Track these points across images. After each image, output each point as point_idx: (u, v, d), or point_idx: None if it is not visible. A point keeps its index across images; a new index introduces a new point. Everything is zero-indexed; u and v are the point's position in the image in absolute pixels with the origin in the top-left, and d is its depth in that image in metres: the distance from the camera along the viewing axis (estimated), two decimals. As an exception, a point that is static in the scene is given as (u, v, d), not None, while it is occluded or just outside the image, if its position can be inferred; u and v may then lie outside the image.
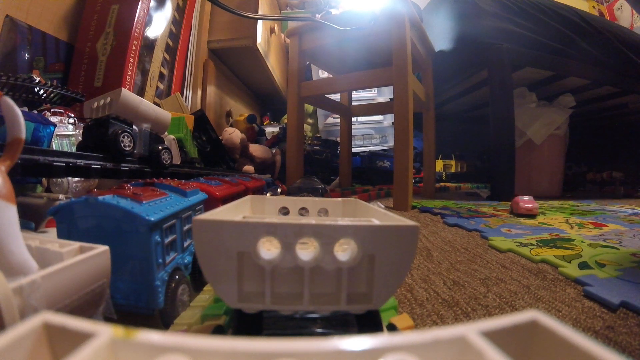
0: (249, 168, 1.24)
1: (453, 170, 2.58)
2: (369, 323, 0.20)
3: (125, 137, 0.52)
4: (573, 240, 0.70)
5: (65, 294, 0.20)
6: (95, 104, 0.54)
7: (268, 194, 0.70)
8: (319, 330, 0.20)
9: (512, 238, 0.69)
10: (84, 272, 0.22)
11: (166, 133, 0.71)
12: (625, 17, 2.84)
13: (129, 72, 1.12)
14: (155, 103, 1.22)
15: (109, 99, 0.53)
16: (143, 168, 0.56)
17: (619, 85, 1.79)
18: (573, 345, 0.10)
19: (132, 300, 0.29)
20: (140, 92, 1.17)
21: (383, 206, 1.05)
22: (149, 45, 1.22)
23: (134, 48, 1.13)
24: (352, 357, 0.10)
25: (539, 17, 1.62)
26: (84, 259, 0.22)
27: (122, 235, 0.29)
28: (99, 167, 0.48)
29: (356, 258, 0.18)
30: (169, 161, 0.61)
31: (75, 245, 0.24)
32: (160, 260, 0.30)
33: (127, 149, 0.52)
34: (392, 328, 0.23)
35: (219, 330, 0.23)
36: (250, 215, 0.30)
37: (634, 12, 2.66)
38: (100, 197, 0.29)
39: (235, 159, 1.24)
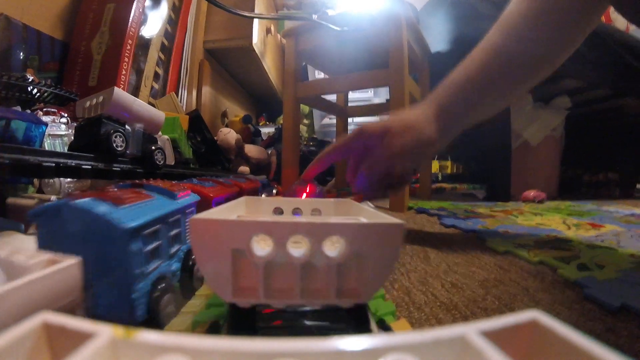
0: (244, 169, 1.23)
1: (449, 171, 2.58)
2: (357, 316, 0.21)
3: (118, 137, 0.51)
4: (571, 241, 0.69)
5: (24, 314, 0.18)
6: (88, 103, 0.53)
7: (263, 196, 0.69)
8: (309, 322, 0.21)
9: (510, 239, 0.68)
10: (49, 288, 0.20)
11: (160, 133, 0.70)
12: (621, 19, 2.83)
13: (124, 72, 1.11)
14: (150, 103, 1.21)
15: (101, 98, 0.52)
16: (136, 169, 0.55)
17: (614, 87, 1.79)
18: (573, 345, 0.10)
19: (115, 312, 0.28)
20: (135, 91, 1.16)
21: (373, 206, 1.05)
22: (144, 45, 1.21)
23: (128, 47, 1.12)
24: (352, 357, 0.10)
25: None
26: (48, 274, 0.20)
27: (98, 243, 0.26)
28: (90, 167, 0.47)
29: (345, 254, 0.19)
30: (162, 162, 0.60)
31: (44, 256, 0.22)
32: (141, 270, 0.28)
33: (119, 149, 0.51)
34: (382, 324, 0.24)
35: (215, 326, 0.23)
36: (246, 214, 0.31)
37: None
38: (75, 201, 0.26)
39: (230, 159, 1.23)
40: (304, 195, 0.66)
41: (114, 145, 0.50)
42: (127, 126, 0.54)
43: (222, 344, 0.10)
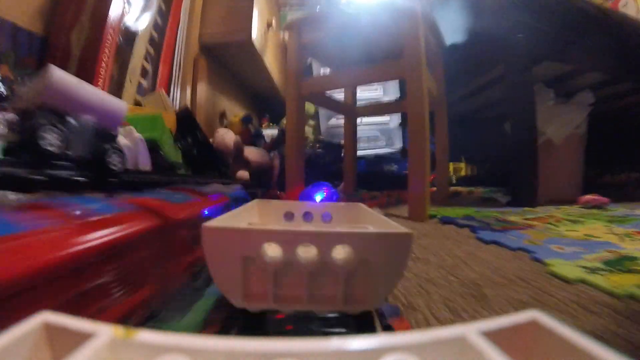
0: (243, 174, 1.10)
1: (463, 173, 2.43)
2: (364, 323, 0.21)
3: (50, 132, 0.37)
4: (638, 258, 0.56)
5: None
6: (25, 92, 0.40)
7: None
8: (317, 328, 0.21)
9: (571, 260, 0.54)
10: None
11: (133, 131, 0.57)
12: (632, 6, 2.74)
13: (104, 65, 0.98)
14: (136, 102, 1.08)
15: (38, 84, 0.39)
16: (76, 176, 0.40)
17: (636, 79, 1.67)
18: (573, 345, 0.10)
19: None
20: (118, 88, 1.03)
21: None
22: (129, 37, 1.09)
23: (109, 39, 1.00)
24: (352, 357, 0.10)
25: (555, 8, 1.51)
26: None
27: None
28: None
29: (352, 262, 0.19)
30: (120, 166, 0.45)
31: None
32: None
33: (53, 149, 0.38)
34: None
35: (225, 331, 0.22)
36: (257, 219, 0.31)
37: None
38: None
39: (228, 163, 1.10)
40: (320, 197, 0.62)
41: (46, 143, 0.37)
42: (70, 119, 0.41)
43: (222, 344, 0.10)
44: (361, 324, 0.21)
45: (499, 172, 2.36)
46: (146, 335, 0.10)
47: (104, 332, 0.10)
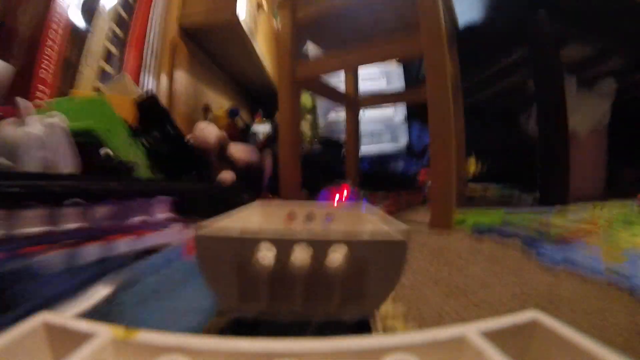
0: (227, 175, 0.92)
1: (473, 170, 2.25)
2: (361, 332, 0.20)
3: None
4: None
5: None
6: None
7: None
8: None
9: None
10: None
11: (54, 117, 0.39)
12: None
13: (54, 46, 0.80)
14: (95, 89, 0.90)
15: None
16: None
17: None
18: (573, 344, 0.10)
19: None
20: (72, 72, 0.85)
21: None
22: (88, 13, 0.90)
23: (59, 15, 0.81)
24: (352, 357, 0.10)
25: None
26: None
27: None
28: None
29: (347, 267, 0.19)
30: None
31: None
32: None
33: None
34: None
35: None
36: (259, 219, 0.32)
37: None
38: None
39: (210, 163, 0.92)
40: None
41: None
42: None
43: (222, 344, 0.10)
44: (358, 332, 0.20)
45: (515, 168, 2.19)
46: (146, 336, 0.10)
47: (104, 332, 0.10)
